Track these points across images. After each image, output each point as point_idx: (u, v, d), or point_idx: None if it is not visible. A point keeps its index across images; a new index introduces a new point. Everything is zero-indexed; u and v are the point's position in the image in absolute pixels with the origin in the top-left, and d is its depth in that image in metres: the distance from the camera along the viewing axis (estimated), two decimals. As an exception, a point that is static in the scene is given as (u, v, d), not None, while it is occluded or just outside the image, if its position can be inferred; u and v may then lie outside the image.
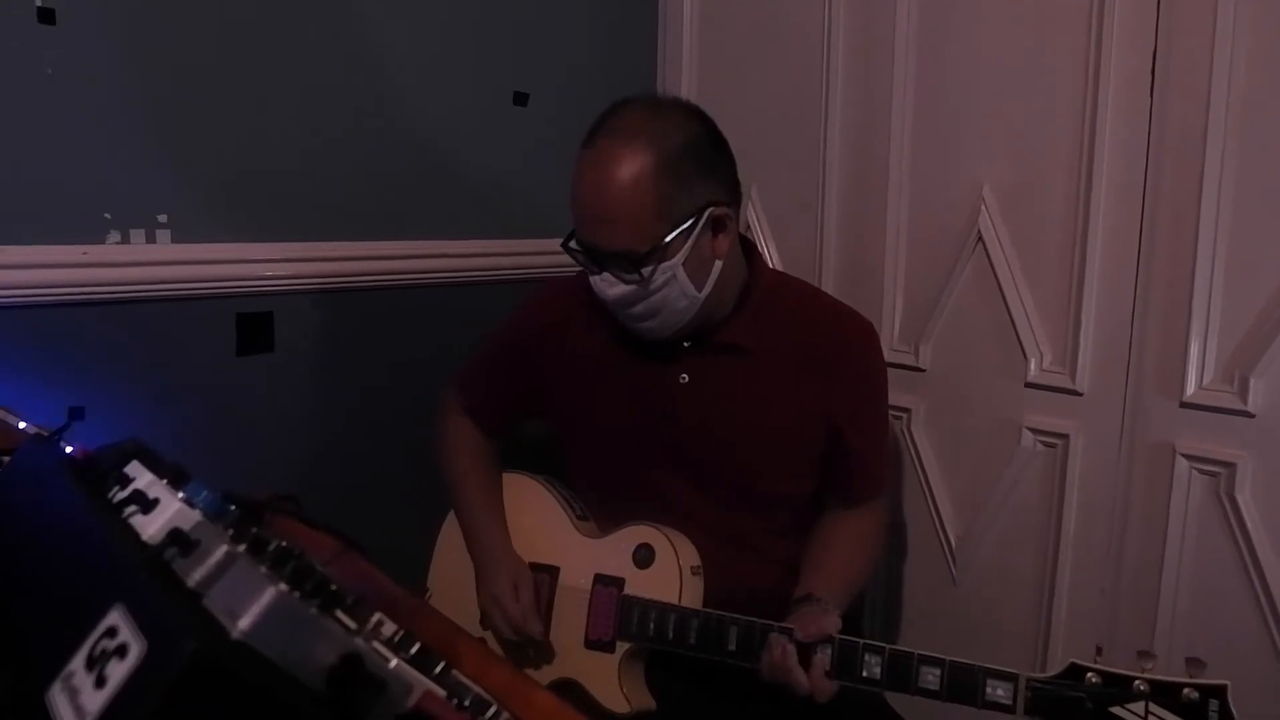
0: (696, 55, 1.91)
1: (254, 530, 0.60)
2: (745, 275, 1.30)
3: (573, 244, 1.20)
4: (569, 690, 1.22)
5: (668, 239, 1.14)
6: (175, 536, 0.58)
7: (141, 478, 0.73)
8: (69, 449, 0.88)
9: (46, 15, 1.20)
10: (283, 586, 0.52)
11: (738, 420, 1.27)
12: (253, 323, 1.45)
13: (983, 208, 1.51)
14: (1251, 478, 1.28)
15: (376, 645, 0.59)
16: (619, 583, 1.23)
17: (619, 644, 1.21)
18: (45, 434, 0.91)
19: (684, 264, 1.16)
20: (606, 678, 1.21)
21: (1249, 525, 1.28)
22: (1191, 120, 1.28)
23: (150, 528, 0.64)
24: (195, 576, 0.56)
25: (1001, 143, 1.49)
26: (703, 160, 1.18)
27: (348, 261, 1.53)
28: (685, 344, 1.27)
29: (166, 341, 1.37)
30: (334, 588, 0.57)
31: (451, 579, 1.41)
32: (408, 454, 1.60)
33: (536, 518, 1.36)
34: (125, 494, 0.69)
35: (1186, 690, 0.93)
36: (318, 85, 1.49)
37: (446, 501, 1.44)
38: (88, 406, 1.30)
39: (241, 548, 0.58)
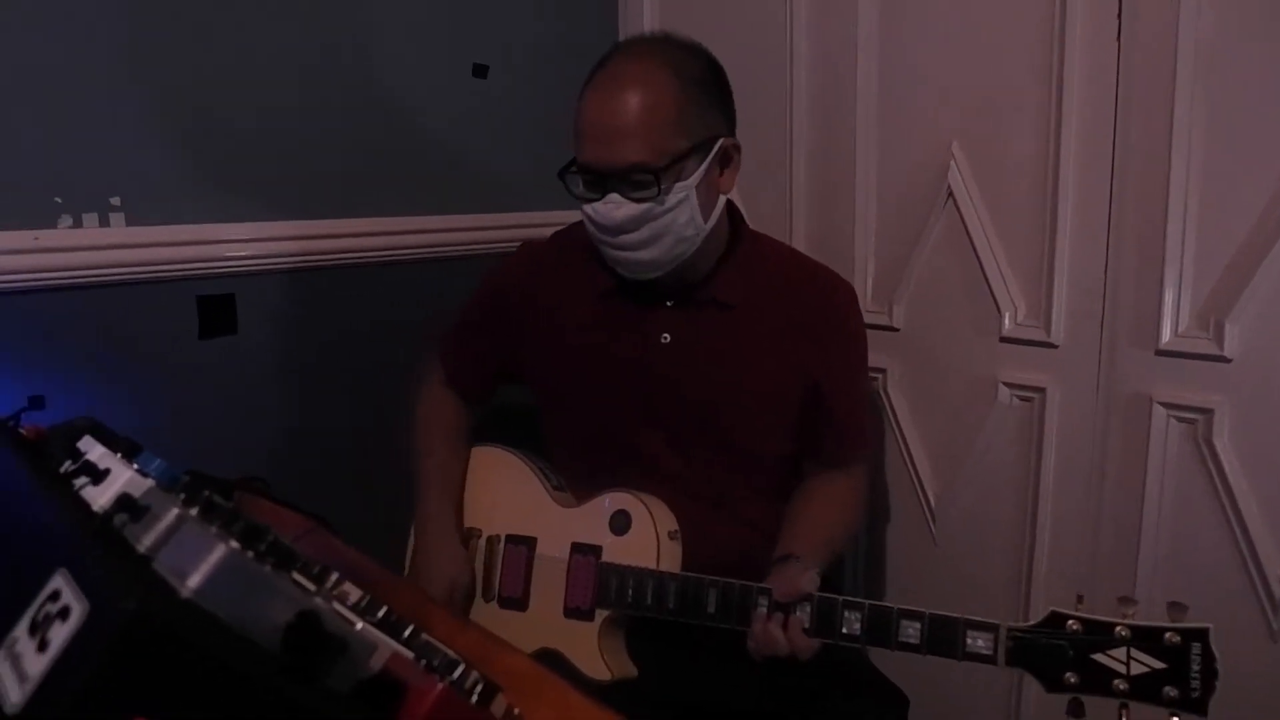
0: (658, 19, 1.88)
1: (206, 494, 0.58)
2: (728, 230, 1.28)
3: (572, 171, 1.16)
4: (550, 660, 1.21)
5: (684, 156, 1.13)
6: (124, 503, 0.56)
7: (93, 450, 0.71)
8: (20, 429, 0.86)
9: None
10: (234, 544, 0.50)
11: (720, 380, 1.26)
12: (214, 305, 1.41)
13: (952, 163, 1.50)
14: (1229, 423, 1.28)
15: (338, 607, 0.57)
16: (596, 550, 1.22)
17: (598, 612, 1.20)
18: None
19: (696, 187, 1.14)
20: (587, 646, 1.20)
21: (1227, 470, 1.28)
22: (1159, 68, 1.27)
23: (101, 498, 0.62)
24: (145, 541, 0.54)
25: (969, 98, 1.48)
26: (716, 90, 1.19)
27: (309, 240, 1.50)
28: (668, 303, 1.26)
29: (127, 327, 1.34)
30: (291, 550, 0.55)
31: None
32: (376, 434, 1.57)
33: (512, 489, 1.35)
34: (75, 466, 0.67)
35: (1168, 634, 0.93)
36: (274, 61, 1.45)
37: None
38: (48, 395, 1.26)
39: (193, 511, 0.56)
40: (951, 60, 1.49)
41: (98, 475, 0.65)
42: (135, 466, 0.66)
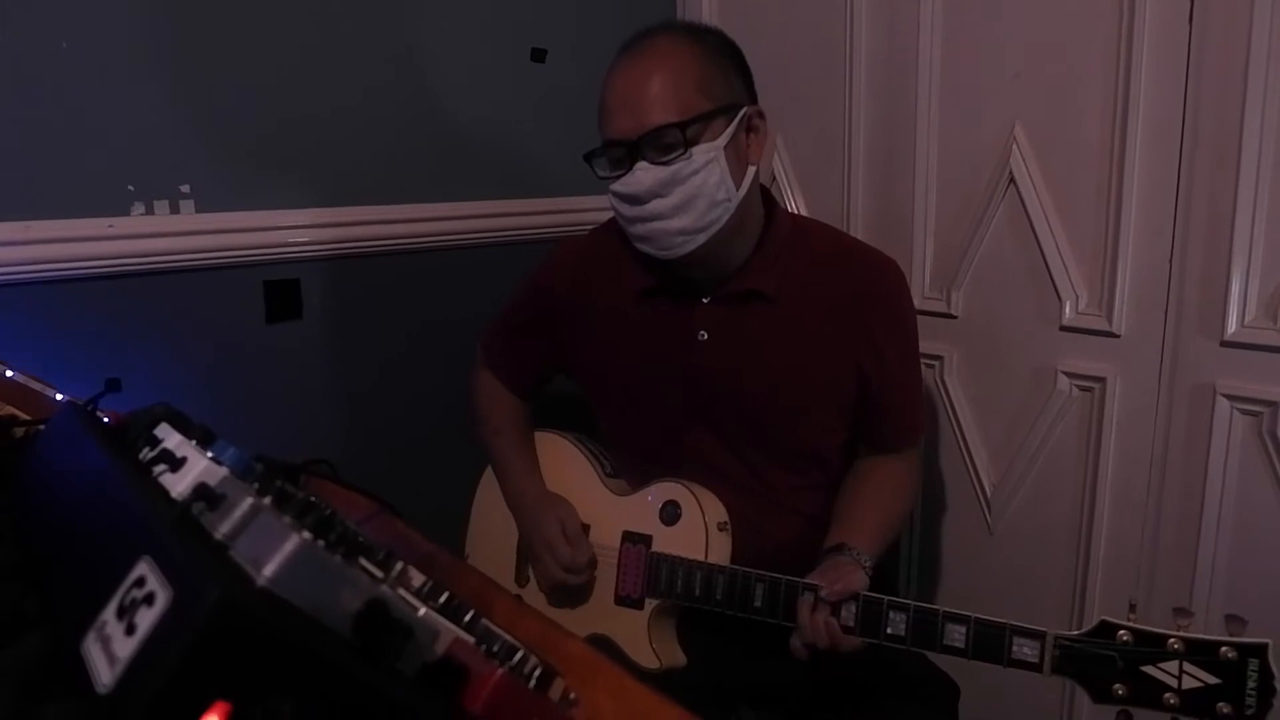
0: (716, 6, 1.87)
1: (279, 484, 0.60)
2: (763, 217, 1.26)
3: (598, 155, 1.17)
4: (601, 646, 1.23)
5: (709, 116, 1.13)
6: (202, 491, 0.59)
7: (170, 438, 0.74)
8: (101, 415, 0.90)
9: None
10: (306, 535, 0.52)
11: (762, 374, 1.24)
12: (280, 290, 1.45)
13: (1014, 148, 1.47)
14: (1296, 416, 1.25)
15: (403, 594, 0.59)
16: (647, 540, 1.23)
17: (648, 601, 1.22)
18: (80, 402, 0.92)
19: (723, 150, 1.13)
20: (637, 634, 1.21)
21: (1294, 465, 1.25)
22: (1232, 51, 1.24)
23: (178, 485, 0.65)
24: (222, 529, 0.56)
25: (1033, 80, 1.45)
26: (734, 59, 1.20)
27: (371, 226, 1.53)
28: (704, 299, 1.24)
29: (197, 311, 1.38)
30: (360, 538, 0.57)
31: (488, 541, 1.42)
32: (439, 415, 1.61)
33: (566, 475, 1.37)
34: (154, 454, 0.70)
35: (1224, 649, 0.90)
36: (336, 51, 1.48)
37: (482, 461, 1.45)
38: (124, 378, 1.31)
39: (267, 500, 0.58)
40: (1017, 41, 1.46)
41: (175, 463, 0.68)
42: (210, 455, 0.69)
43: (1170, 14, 1.29)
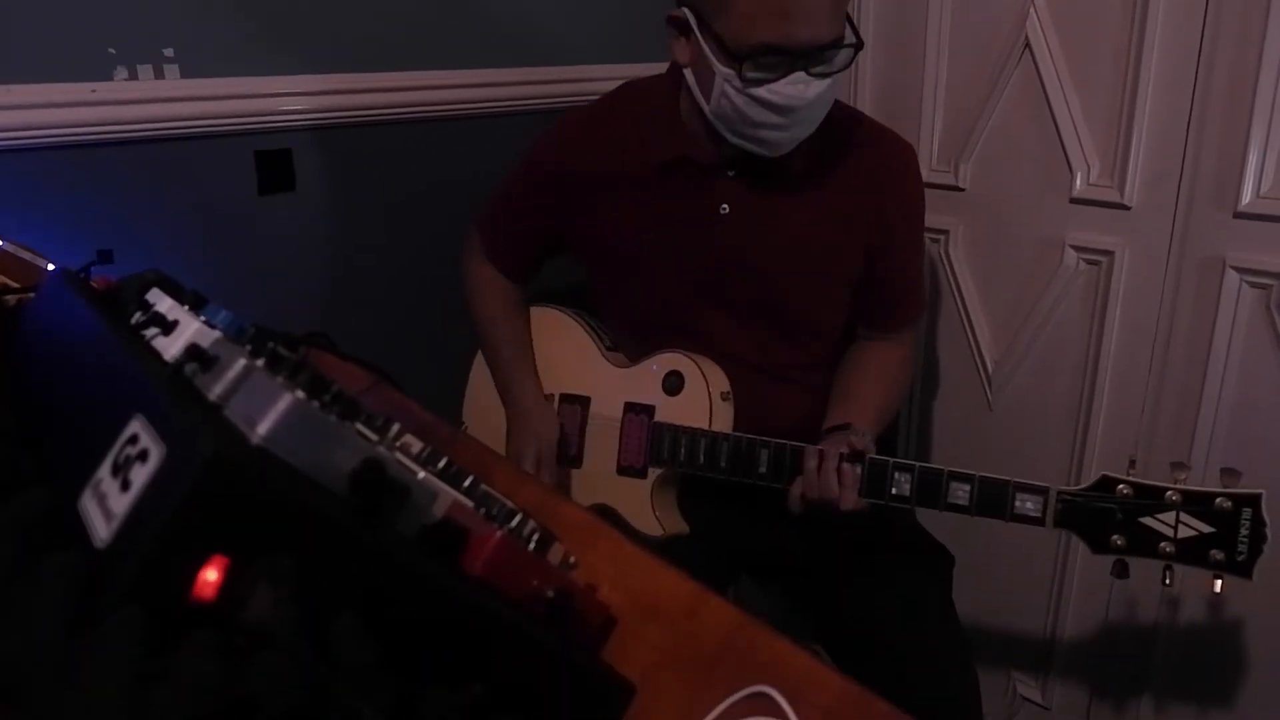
0: None
1: (272, 346, 0.59)
2: None
3: (753, 51, 1.06)
4: (604, 515, 1.25)
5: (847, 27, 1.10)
6: (194, 352, 0.58)
7: (161, 303, 0.73)
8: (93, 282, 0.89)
9: None
10: (299, 394, 0.51)
11: (781, 249, 1.23)
12: (272, 160, 1.41)
13: (1031, 10, 1.40)
14: (1304, 290, 1.24)
15: (400, 457, 0.59)
16: (650, 410, 1.24)
17: (651, 470, 1.23)
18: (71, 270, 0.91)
19: None
20: (639, 502, 1.23)
21: (1297, 338, 1.25)
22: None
23: (171, 348, 0.64)
24: (215, 390, 0.55)
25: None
26: None
27: (366, 94, 1.47)
28: (730, 173, 1.21)
29: (187, 181, 1.34)
30: (353, 399, 0.57)
31: (485, 415, 1.43)
32: (435, 291, 1.59)
33: (565, 348, 1.37)
34: (145, 318, 0.69)
35: (1219, 500, 0.93)
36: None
37: (476, 341, 1.45)
38: (115, 249, 1.29)
39: (259, 362, 0.57)
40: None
41: (167, 326, 0.67)
42: (202, 318, 0.68)
43: None
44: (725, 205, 1.22)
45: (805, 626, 1.29)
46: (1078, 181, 1.42)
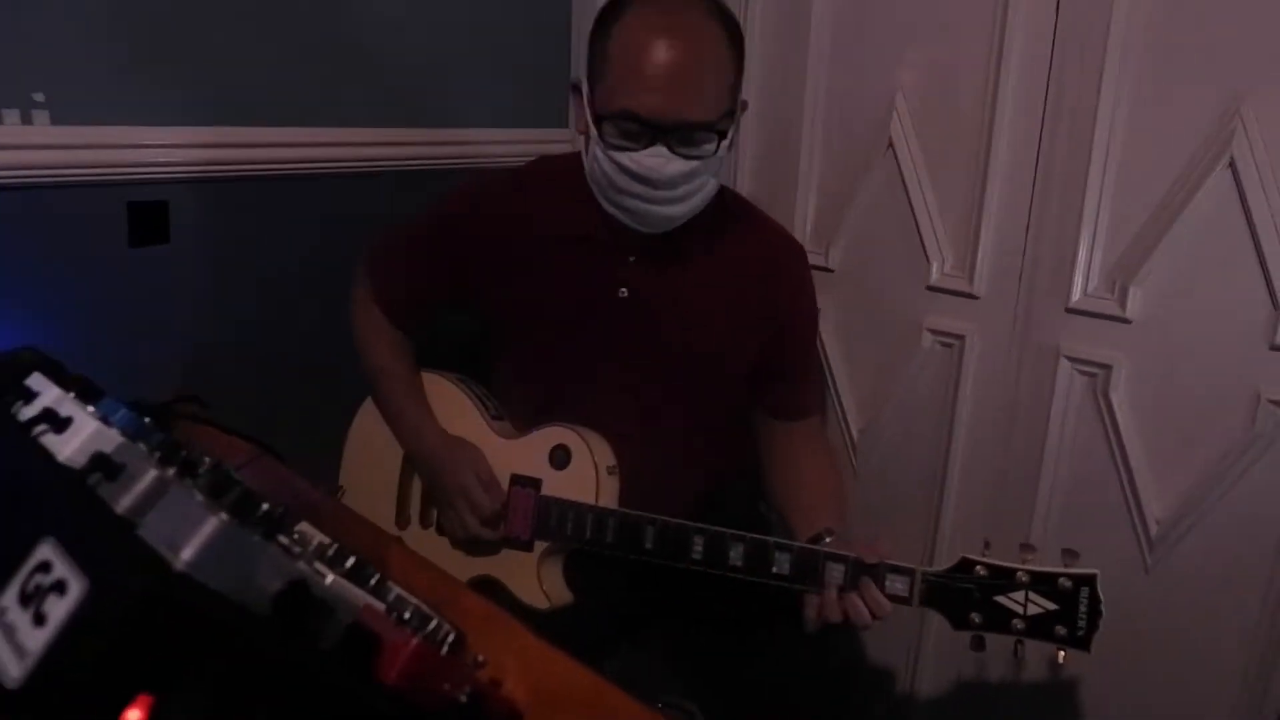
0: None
1: (182, 454, 0.58)
2: None
3: (615, 115, 1.11)
4: (488, 587, 1.25)
5: (731, 115, 1.14)
6: (99, 462, 0.56)
7: (47, 392, 0.70)
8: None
9: None
10: (224, 515, 0.51)
11: (675, 336, 1.28)
12: (146, 212, 1.36)
13: (894, 115, 1.53)
14: (1125, 379, 1.38)
15: (316, 565, 0.59)
16: (536, 483, 1.25)
17: (537, 543, 1.25)
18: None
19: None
20: (525, 575, 1.25)
21: (1120, 424, 1.39)
22: (1091, 43, 1.33)
23: (66, 449, 0.62)
24: (124, 503, 0.54)
25: (915, 54, 1.51)
26: (743, 47, 1.17)
27: (246, 149, 1.44)
28: (630, 258, 1.25)
29: (54, 233, 1.28)
30: (273, 511, 0.56)
31: (365, 475, 1.41)
32: (309, 349, 1.56)
33: (450, 415, 1.36)
34: (33, 411, 0.66)
35: (1061, 579, 1.02)
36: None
37: (353, 394, 1.42)
38: (-33, 301, 1.21)
39: (171, 471, 0.57)
40: (901, 16, 1.52)
41: (59, 423, 0.65)
42: (98, 414, 0.66)
43: (1039, 7, 1.37)
44: (624, 289, 1.26)
45: (685, 684, 1.32)
46: (934, 270, 1.54)
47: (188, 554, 0.49)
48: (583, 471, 1.23)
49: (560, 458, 1.25)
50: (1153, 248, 1.32)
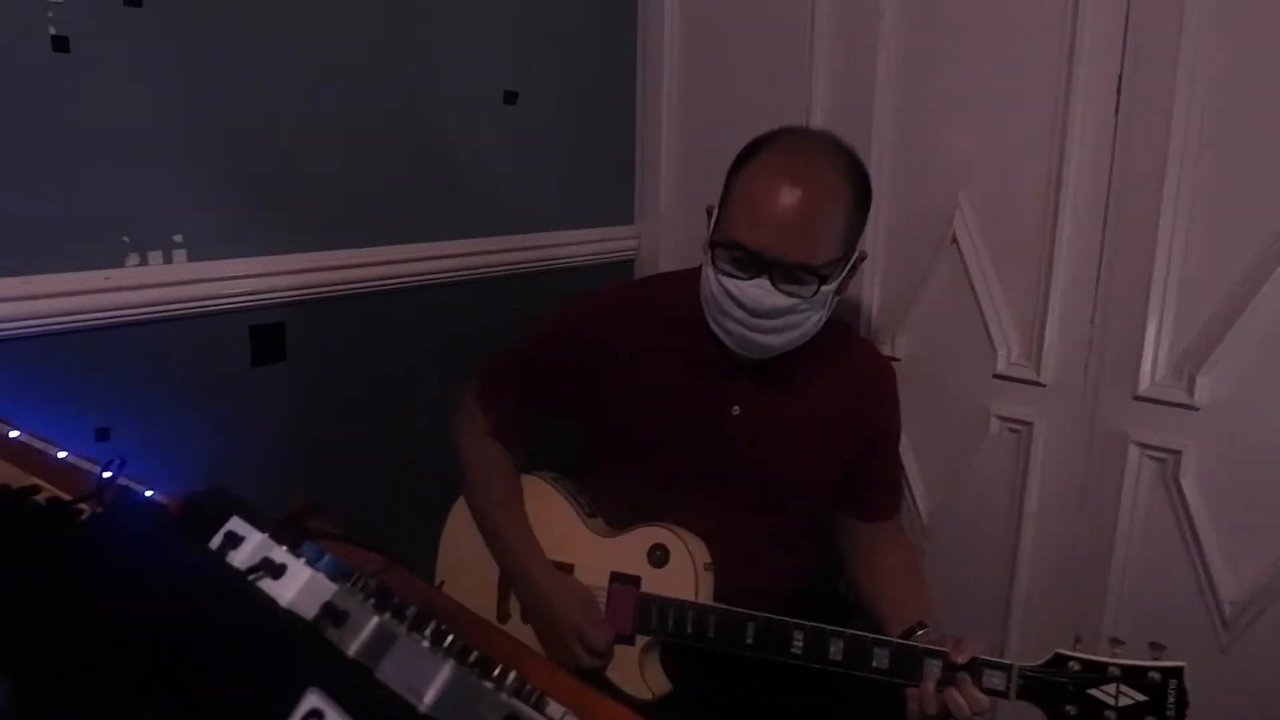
0: (677, 61, 1.96)
1: (395, 600, 0.67)
2: None
3: (727, 244, 1.20)
4: (594, 680, 1.32)
5: (839, 263, 1.22)
6: (329, 611, 0.65)
7: (251, 537, 0.78)
8: (151, 493, 0.93)
9: (60, 43, 1.20)
10: (453, 662, 0.60)
11: (781, 449, 1.36)
12: (265, 334, 1.48)
13: (958, 213, 1.61)
14: (1195, 465, 1.43)
15: (516, 700, 0.67)
16: (635, 580, 1.32)
17: (638, 637, 1.31)
18: (125, 481, 0.94)
19: (835, 291, 1.24)
20: (628, 669, 1.31)
21: (1191, 507, 1.43)
22: (1153, 140, 1.40)
23: (286, 593, 0.71)
24: (352, 648, 0.63)
25: (979, 154, 1.59)
26: (869, 204, 1.27)
27: (352, 269, 1.56)
28: (737, 378, 1.33)
29: (184, 357, 1.39)
30: (479, 654, 0.64)
31: (464, 572, 1.48)
32: (417, 452, 1.66)
33: (547, 515, 1.43)
34: (250, 558, 0.75)
35: (1151, 673, 1.07)
36: (318, 105, 1.50)
37: (451, 491, 1.50)
38: (112, 426, 1.32)
39: (388, 615, 0.65)
40: (964, 119, 1.60)
41: (275, 570, 0.73)
42: (304, 558, 0.74)
43: (1099, 103, 1.45)
44: (737, 407, 1.34)
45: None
46: (1000, 359, 1.61)
47: (430, 698, 0.57)
48: (682, 569, 1.30)
49: (659, 556, 1.32)
50: (1220, 336, 1.38)
